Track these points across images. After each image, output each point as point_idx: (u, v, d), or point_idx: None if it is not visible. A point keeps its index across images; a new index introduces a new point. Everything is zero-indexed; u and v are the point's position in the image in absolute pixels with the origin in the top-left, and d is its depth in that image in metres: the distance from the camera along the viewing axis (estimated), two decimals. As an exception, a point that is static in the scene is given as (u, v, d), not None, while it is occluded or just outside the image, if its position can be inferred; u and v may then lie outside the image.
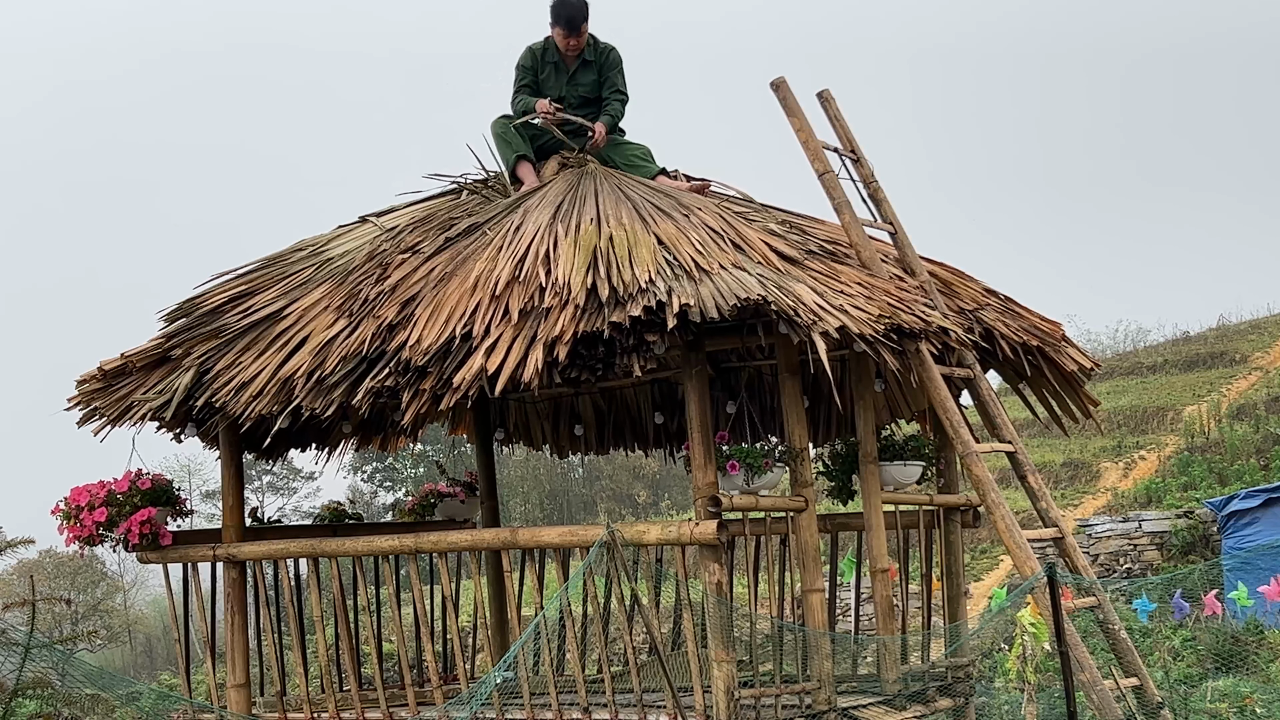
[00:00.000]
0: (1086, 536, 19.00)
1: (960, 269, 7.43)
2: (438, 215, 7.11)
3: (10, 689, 5.94)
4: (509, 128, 7.50)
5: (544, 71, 7.65)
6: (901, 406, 7.86)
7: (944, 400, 6.51)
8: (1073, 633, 6.36)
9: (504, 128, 7.51)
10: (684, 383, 6.07)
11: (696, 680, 5.97)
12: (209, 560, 7.29)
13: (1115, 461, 24.08)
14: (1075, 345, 7.54)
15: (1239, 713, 10.30)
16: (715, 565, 5.93)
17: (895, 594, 7.10)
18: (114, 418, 6.95)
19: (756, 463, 6.12)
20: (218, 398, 6.55)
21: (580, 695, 6.23)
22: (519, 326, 5.84)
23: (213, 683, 7.26)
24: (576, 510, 35.29)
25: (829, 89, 7.43)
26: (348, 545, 6.97)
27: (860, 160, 7.33)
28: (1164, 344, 33.42)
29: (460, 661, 7.35)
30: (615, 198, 6.66)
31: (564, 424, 8.90)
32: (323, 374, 6.22)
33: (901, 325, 6.09)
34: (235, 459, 7.29)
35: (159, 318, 7.17)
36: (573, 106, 7.61)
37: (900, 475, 7.00)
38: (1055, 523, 6.88)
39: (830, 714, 6.21)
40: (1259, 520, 16.97)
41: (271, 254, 7.40)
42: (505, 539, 6.69)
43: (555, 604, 6.46)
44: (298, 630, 7.37)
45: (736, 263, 6.01)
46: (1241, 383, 27.19)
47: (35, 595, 6.47)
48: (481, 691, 5.91)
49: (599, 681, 6.60)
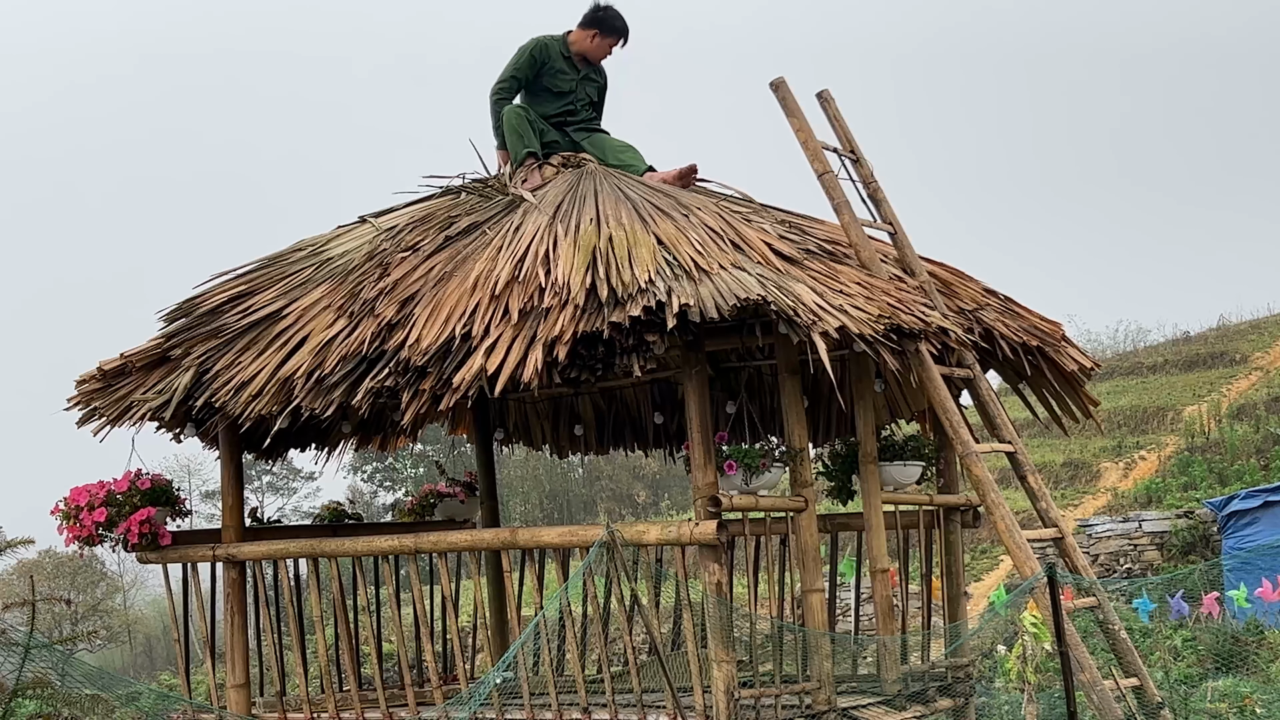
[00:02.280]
0: (1086, 536, 19.00)
1: (960, 269, 7.42)
2: (437, 215, 7.10)
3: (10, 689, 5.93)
4: (524, 120, 7.44)
5: (559, 64, 7.58)
6: (901, 406, 7.86)
7: (944, 400, 6.51)
8: (1073, 633, 6.36)
9: (520, 120, 7.44)
10: (684, 383, 6.07)
11: (696, 680, 5.96)
12: (209, 560, 7.29)
13: (1115, 461, 24.07)
14: (1075, 345, 7.54)
15: (1239, 713, 10.29)
16: (715, 565, 5.93)
17: (895, 595, 7.10)
18: (113, 418, 6.95)
19: (755, 463, 6.12)
20: (217, 398, 6.55)
21: (580, 695, 6.23)
22: (519, 326, 5.84)
23: (212, 683, 7.26)
24: (576, 510, 35.29)
25: (828, 89, 7.43)
26: (347, 545, 6.96)
27: (860, 160, 7.33)
28: (1164, 344, 33.42)
29: (460, 662, 7.35)
30: (615, 198, 6.65)
31: (564, 424, 8.90)
32: (322, 374, 6.21)
33: (901, 325, 6.09)
34: (235, 459, 7.29)
35: (158, 317, 7.18)
36: (580, 104, 7.63)
37: (900, 475, 7.00)
38: (1055, 523, 6.88)
39: (830, 714, 6.21)
40: (1259, 520, 16.97)
41: (271, 254, 7.40)
42: (505, 539, 6.68)
43: (555, 604, 6.46)
44: (297, 630, 7.37)
45: (736, 263, 6.00)
46: (1242, 383, 27.18)
47: (35, 595, 6.46)
48: (481, 691, 5.91)
49: (599, 681, 6.60)
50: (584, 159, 7.33)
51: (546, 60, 7.59)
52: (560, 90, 7.62)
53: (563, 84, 7.61)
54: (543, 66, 7.60)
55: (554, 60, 7.60)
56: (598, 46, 7.62)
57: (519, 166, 7.35)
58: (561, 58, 7.62)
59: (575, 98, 7.64)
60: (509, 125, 7.47)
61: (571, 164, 7.31)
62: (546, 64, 7.60)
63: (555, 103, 7.63)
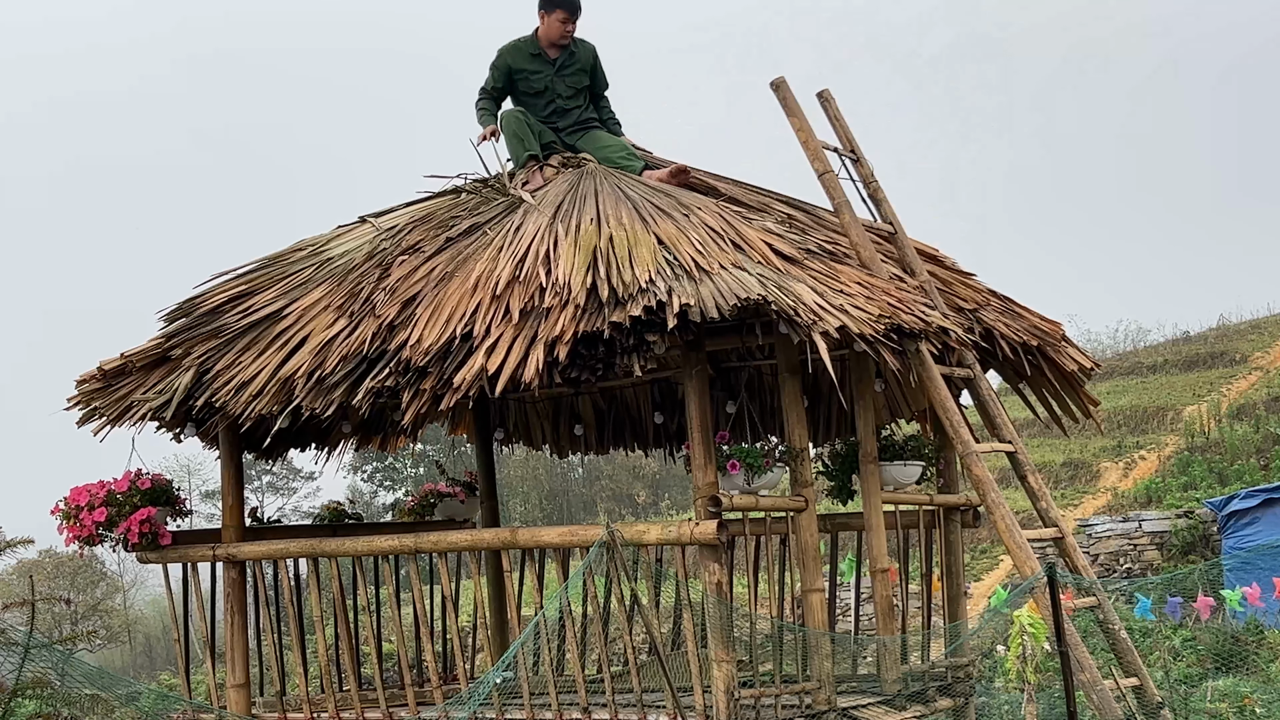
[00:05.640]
0: (1086, 536, 19.00)
1: (959, 269, 7.43)
2: (437, 215, 7.10)
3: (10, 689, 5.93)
4: (523, 124, 7.42)
5: (527, 65, 7.53)
6: (901, 406, 7.86)
7: (944, 400, 6.51)
8: (1073, 633, 6.36)
9: (519, 123, 7.43)
10: (684, 383, 6.07)
11: (696, 680, 5.96)
12: (209, 560, 7.29)
13: (1115, 461, 24.08)
14: (1075, 345, 7.54)
15: (1239, 713, 10.30)
16: (715, 565, 5.93)
17: (895, 594, 7.09)
18: (114, 418, 6.94)
19: (756, 462, 6.12)
20: (217, 398, 6.54)
21: (580, 695, 6.22)
22: (519, 326, 5.84)
23: (212, 683, 7.26)
24: (576, 510, 35.31)
25: (828, 89, 7.43)
26: (348, 545, 6.96)
27: (860, 160, 7.33)
28: (1164, 344, 33.44)
29: (460, 661, 7.35)
30: (615, 197, 6.65)
31: (564, 424, 8.90)
32: (323, 374, 6.21)
33: (901, 325, 6.09)
34: (235, 459, 7.29)
35: (159, 317, 7.18)
36: (563, 98, 7.58)
37: (900, 475, 7.00)
38: (1055, 523, 6.88)
39: (830, 714, 6.21)
40: (1259, 520, 16.99)
41: (271, 254, 7.40)
42: (505, 539, 6.68)
43: (555, 604, 6.46)
44: (297, 630, 7.37)
45: (736, 262, 6.00)
46: (1241, 383, 27.19)
47: (35, 595, 6.47)
48: (481, 691, 5.90)
49: (599, 681, 6.60)
50: (584, 159, 7.33)
51: (514, 66, 7.55)
52: (536, 90, 7.56)
53: (536, 83, 7.55)
54: (513, 74, 7.56)
55: (522, 63, 7.55)
56: (549, 27, 7.51)
57: (520, 168, 7.35)
58: (530, 57, 7.55)
59: (554, 93, 7.57)
60: (508, 130, 7.46)
61: (571, 164, 7.31)
62: (516, 70, 7.55)
63: (537, 103, 7.59)
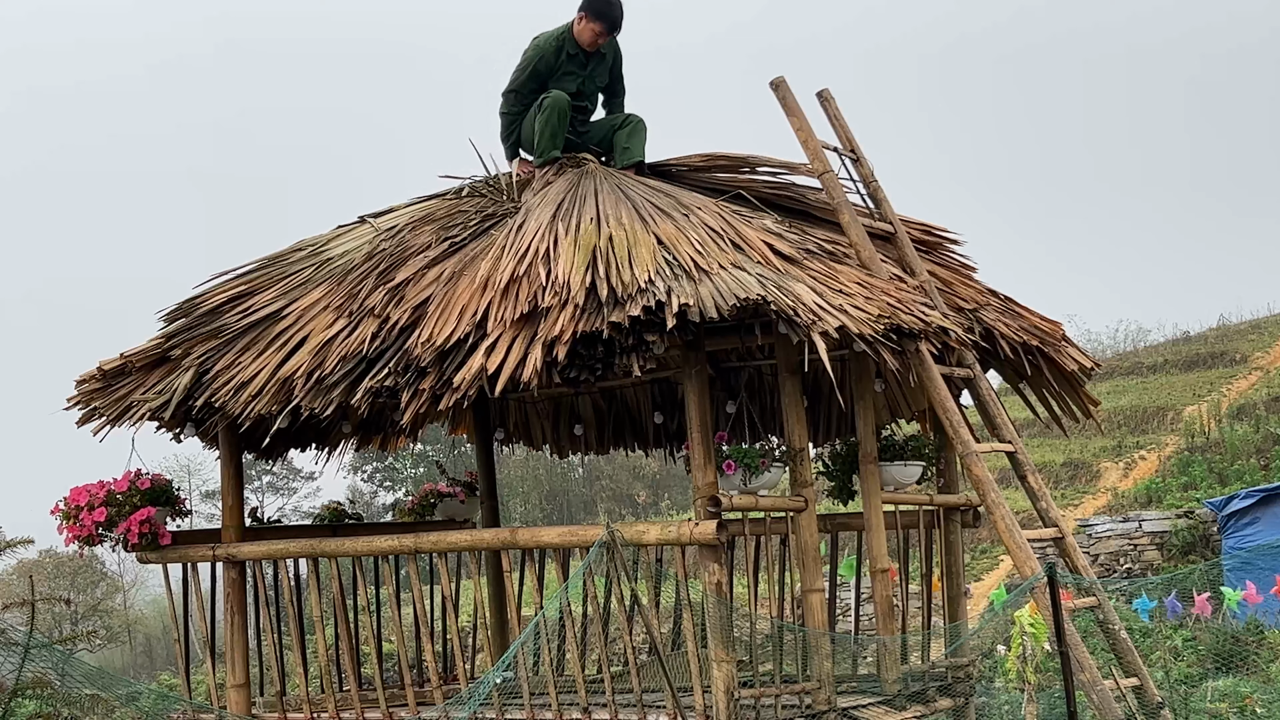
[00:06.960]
0: (1086, 536, 19.00)
1: (960, 268, 7.42)
2: (437, 216, 7.10)
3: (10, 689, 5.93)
4: (565, 120, 7.27)
5: (563, 64, 7.42)
6: (901, 406, 7.86)
7: (944, 400, 6.51)
8: (1073, 633, 6.36)
9: (562, 119, 7.26)
10: (684, 383, 6.07)
11: (696, 680, 5.96)
12: (209, 560, 7.29)
13: (1115, 461, 24.07)
14: (1075, 345, 7.53)
15: (1239, 713, 10.30)
16: (715, 565, 5.93)
17: (895, 594, 7.09)
18: (113, 418, 6.95)
19: (754, 463, 6.12)
20: (217, 398, 6.55)
21: (580, 695, 6.23)
22: (519, 326, 5.84)
23: (212, 683, 7.26)
24: (576, 510, 35.30)
25: (828, 88, 7.42)
26: (347, 545, 6.96)
27: (860, 160, 7.33)
28: (1164, 344, 33.42)
29: (460, 661, 7.35)
30: (615, 197, 6.65)
31: (564, 424, 8.90)
32: (322, 374, 6.21)
33: (901, 325, 6.09)
34: (235, 459, 7.29)
35: (158, 317, 7.18)
36: (588, 96, 7.56)
37: (900, 475, 6.99)
38: (1055, 523, 6.87)
39: (830, 714, 6.21)
40: (1259, 520, 16.98)
41: (271, 254, 7.40)
42: (505, 539, 6.68)
43: (555, 604, 6.46)
44: (297, 630, 7.37)
45: (736, 262, 6.00)
46: (1241, 383, 27.18)
47: (35, 595, 6.47)
48: (481, 691, 5.90)
49: (599, 681, 6.60)
50: (584, 158, 7.32)
51: (550, 68, 7.41)
52: (570, 92, 7.43)
53: (570, 84, 7.44)
54: (547, 76, 7.42)
55: (558, 63, 7.42)
56: (583, 30, 7.39)
57: (542, 166, 7.30)
58: (566, 57, 7.43)
59: (585, 95, 7.53)
60: (554, 117, 7.24)
61: (571, 164, 7.31)
62: (551, 70, 7.42)
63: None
